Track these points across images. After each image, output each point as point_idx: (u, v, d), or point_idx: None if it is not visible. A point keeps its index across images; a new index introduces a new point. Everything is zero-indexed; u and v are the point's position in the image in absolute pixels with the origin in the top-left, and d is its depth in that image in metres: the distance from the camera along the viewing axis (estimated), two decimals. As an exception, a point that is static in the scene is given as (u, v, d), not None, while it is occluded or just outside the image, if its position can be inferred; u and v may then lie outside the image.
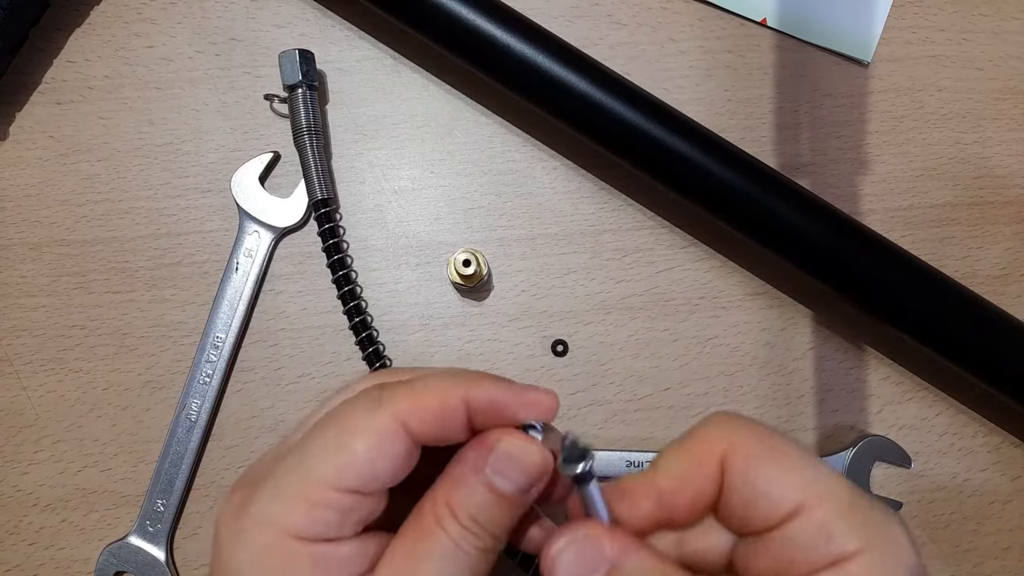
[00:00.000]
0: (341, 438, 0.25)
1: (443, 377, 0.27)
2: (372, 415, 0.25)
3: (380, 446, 0.25)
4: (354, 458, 0.25)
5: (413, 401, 0.26)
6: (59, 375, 0.43)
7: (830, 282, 0.40)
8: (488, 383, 0.27)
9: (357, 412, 0.26)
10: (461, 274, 0.41)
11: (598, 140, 0.41)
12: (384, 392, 0.26)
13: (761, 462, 0.24)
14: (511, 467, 0.26)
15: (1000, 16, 0.46)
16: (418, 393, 0.26)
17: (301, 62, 0.42)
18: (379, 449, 0.25)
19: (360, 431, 0.25)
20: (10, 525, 0.43)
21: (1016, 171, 0.45)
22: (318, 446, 0.26)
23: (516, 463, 0.26)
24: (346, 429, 0.25)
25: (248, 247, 0.44)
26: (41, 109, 0.45)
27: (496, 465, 0.26)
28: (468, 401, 0.26)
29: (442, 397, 0.26)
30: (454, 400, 0.26)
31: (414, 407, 0.26)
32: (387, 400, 0.26)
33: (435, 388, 0.26)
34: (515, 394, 0.27)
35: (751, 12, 0.46)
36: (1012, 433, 0.44)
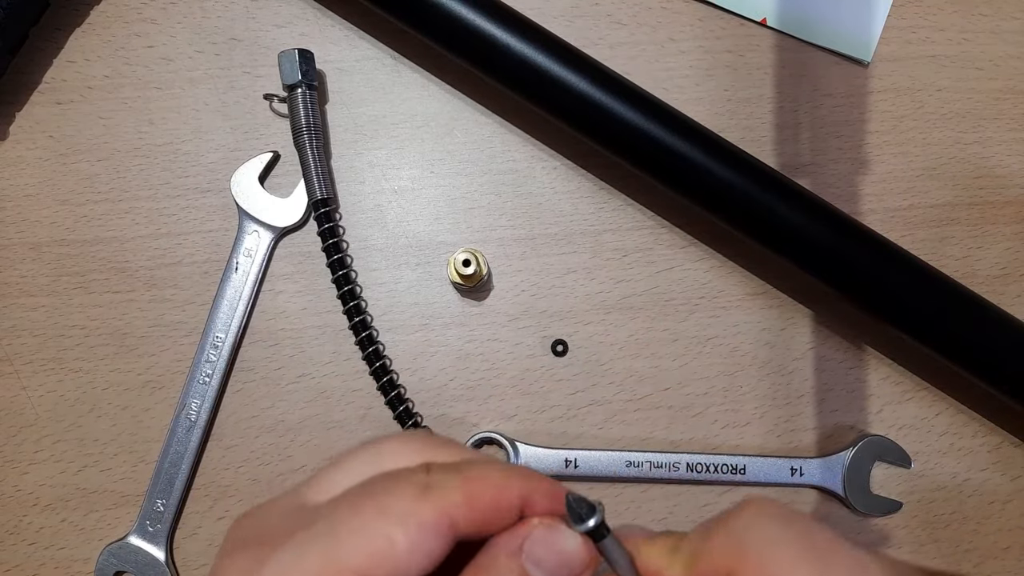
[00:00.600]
0: (379, 525, 0.22)
1: (498, 467, 0.24)
2: (419, 505, 0.23)
3: (422, 542, 0.22)
4: (391, 550, 0.22)
5: (466, 494, 0.23)
6: (59, 375, 0.43)
7: (830, 282, 0.40)
8: (546, 480, 0.24)
9: (402, 497, 0.23)
10: (461, 274, 0.41)
11: (598, 140, 0.41)
12: (433, 477, 0.24)
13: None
14: (550, 556, 0.23)
15: (1000, 16, 0.46)
16: (472, 484, 0.23)
17: (300, 62, 0.42)
18: (420, 545, 0.22)
19: (403, 521, 0.22)
20: (10, 525, 0.43)
21: (1016, 171, 0.45)
22: (351, 526, 0.23)
23: (555, 551, 0.23)
24: (387, 514, 0.23)
25: (248, 247, 0.44)
26: (41, 109, 0.45)
27: (533, 553, 0.23)
28: (526, 499, 0.24)
29: (498, 492, 0.23)
30: (511, 497, 0.24)
31: (466, 501, 0.23)
32: (437, 488, 0.23)
33: (491, 480, 0.24)
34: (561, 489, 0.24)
35: (751, 12, 0.46)
36: (1012, 433, 0.44)
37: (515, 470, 0.24)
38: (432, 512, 0.23)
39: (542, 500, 0.24)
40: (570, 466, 0.42)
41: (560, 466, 0.42)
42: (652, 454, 0.42)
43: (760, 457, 0.43)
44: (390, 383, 0.42)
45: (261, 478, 0.43)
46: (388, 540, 0.22)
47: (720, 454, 0.43)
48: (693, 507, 0.43)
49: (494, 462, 0.25)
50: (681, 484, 0.43)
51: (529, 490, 0.24)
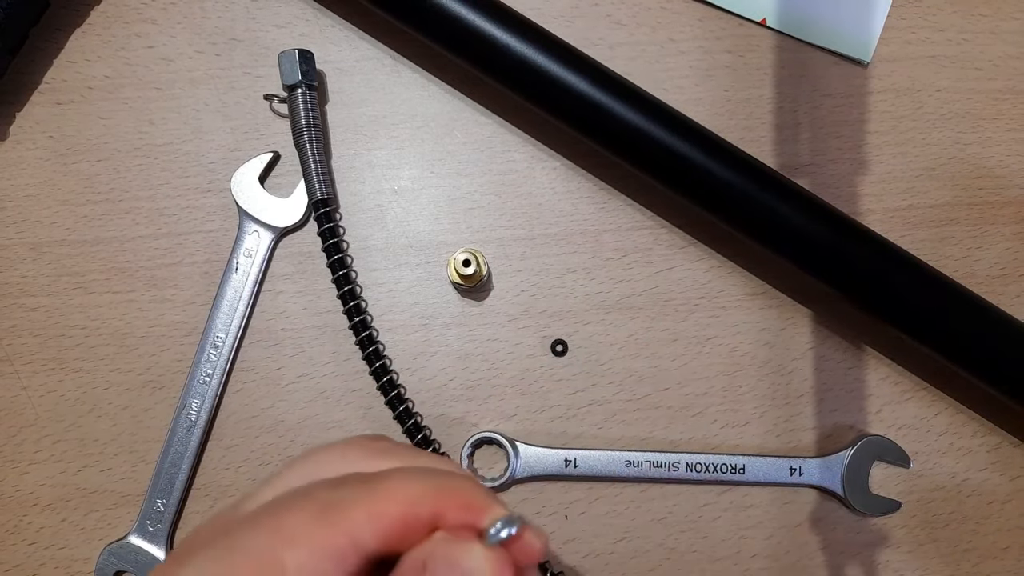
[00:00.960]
0: (272, 541, 0.21)
1: (413, 481, 0.23)
2: (314, 526, 0.21)
3: (314, 565, 0.21)
4: (278, 571, 0.21)
5: (369, 513, 0.22)
6: (59, 375, 0.43)
7: (829, 282, 0.40)
8: (468, 485, 0.23)
9: (300, 512, 0.22)
10: (461, 274, 0.41)
11: (598, 140, 0.41)
12: (336, 494, 0.22)
13: None
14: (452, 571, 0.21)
15: (1000, 16, 0.46)
16: (377, 503, 0.22)
17: (300, 62, 0.42)
18: (312, 567, 0.21)
19: (294, 543, 0.21)
20: (10, 525, 0.43)
21: (1015, 171, 0.45)
22: (244, 543, 0.22)
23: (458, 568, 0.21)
24: (281, 531, 0.21)
25: (248, 247, 0.44)
26: (41, 109, 0.45)
27: (436, 571, 0.22)
28: (438, 514, 0.22)
29: (406, 509, 0.22)
30: (420, 513, 0.22)
31: (369, 520, 0.22)
32: (337, 508, 0.22)
33: (400, 497, 0.22)
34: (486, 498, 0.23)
35: (751, 12, 0.46)
36: (1011, 433, 0.44)
37: (434, 483, 0.23)
38: (328, 534, 0.21)
39: (456, 514, 0.23)
40: (570, 466, 0.42)
41: (560, 466, 0.42)
42: (652, 454, 0.42)
43: (759, 457, 0.43)
44: (390, 383, 0.42)
45: (261, 478, 0.43)
46: (276, 564, 0.21)
47: (719, 454, 0.43)
48: (693, 507, 0.43)
49: (417, 472, 0.23)
50: (680, 484, 0.43)
51: (442, 505, 0.22)
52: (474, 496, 0.23)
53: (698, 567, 0.42)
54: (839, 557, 0.43)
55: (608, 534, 0.43)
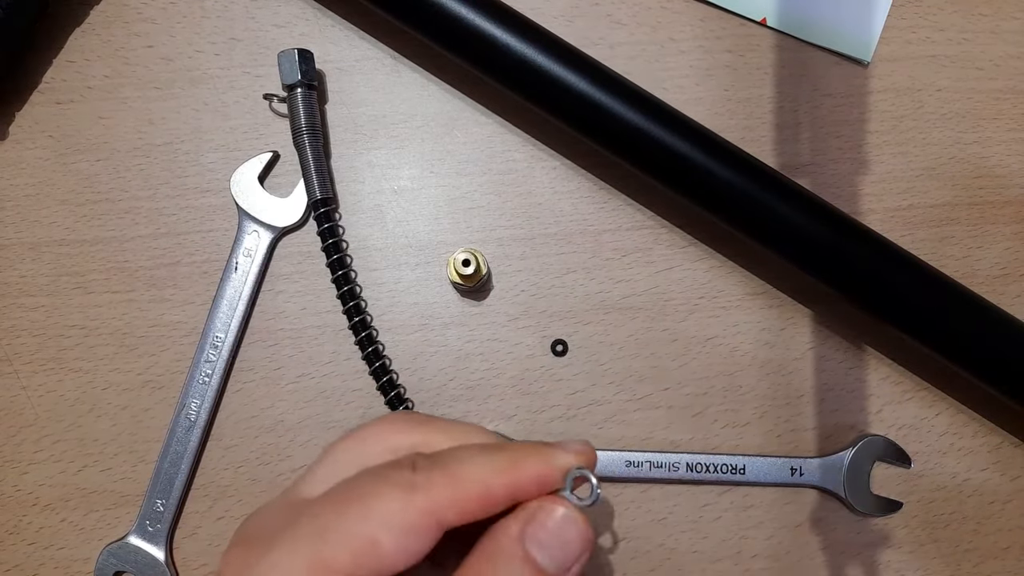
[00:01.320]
0: (365, 526, 0.23)
1: (483, 458, 0.24)
2: (405, 507, 0.23)
3: (407, 543, 0.23)
4: (376, 551, 0.23)
5: (453, 493, 0.24)
6: (59, 375, 0.43)
7: (830, 282, 0.40)
8: (534, 461, 0.25)
9: (387, 498, 0.23)
10: (461, 274, 0.41)
11: (598, 140, 0.41)
12: (419, 475, 0.24)
13: None
14: (554, 540, 0.24)
15: (1000, 16, 0.46)
16: (459, 483, 0.24)
17: (300, 62, 0.42)
18: (405, 545, 0.23)
19: (388, 524, 0.23)
20: (10, 525, 0.43)
21: (1016, 171, 0.45)
22: (337, 526, 0.23)
23: (560, 535, 0.24)
24: (372, 516, 0.23)
25: (247, 247, 0.44)
26: (41, 109, 0.45)
27: (537, 536, 0.24)
28: (514, 488, 0.24)
29: (485, 487, 0.24)
30: (498, 490, 0.24)
31: (452, 499, 0.24)
32: (423, 488, 0.23)
33: (478, 477, 0.24)
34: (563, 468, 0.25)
35: (751, 12, 0.45)
36: (1012, 433, 0.44)
37: (502, 459, 0.25)
38: (417, 514, 0.23)
39: (531, 490, 0.25)
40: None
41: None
42: (652, 454, 0.42)
43: (760, 457, 0.43)
44: (390, 383, 0.42)
45: (261, 478, 0.43)
46: (373, 542, 0.23)
47: (720, 454, 0.43)
48: (693, 507, 0.43)
49: (481, 450, 0.25)
50: (681, 484, 0.43)
51: (517, 484, 0.24)
52: (544, 469, 0.25)
53: (699, 567, 0.42)
54: (840, 557, 0.43)
55: (608, 534, 0.43)
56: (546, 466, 0.25)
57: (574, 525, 0.25)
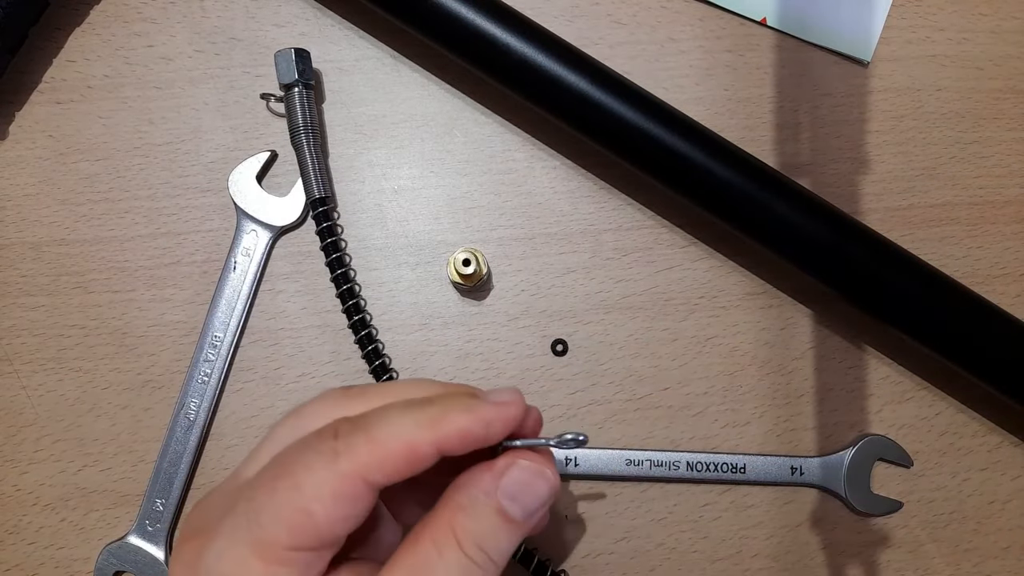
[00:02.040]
0: (294, 498, 0.23)
1: (405, 416, 0.25)
2: (330, 474, 0.23)
3: (339, 507, 0.23)
4: (312, 521, 0.23)
5: (375, 453, 0.24)
6: (59, 374, 0.43)
7: (830, 281, 0.40)
8: (458, 415, 0.25)
9: (312, 467, 0.24)
10: (461, 273, 0.41)
11: (598, 139, 0.41)
12: (341, 442, 0.24)
13: None
14: (526, 492, 0.25)
15: (1000, 16, 0.46)
16: (380, 444, 0.24)
17: (297, 61, 0.42)
18: (338, 510, 0.23)
19: (316, 493, 0.23)
20: (10, 524, 0.43)
21: (1016, 170, 0.45)
22: (269, 503, 0.24)
23: (531, 488, 0.25)
24: (300, 487, 0.23)
25: (246, 246, 0.44)
26: (41, 108, 0.45)
27: (509, 490, 0.25)
28: (439, 444, 0.24)
29: (408, 445, 0.24)
30: (423, 447, 0.24)
31: (377, 460, 0.24)
32: (345, 453, 0.24)
33: (399, 435, 0.24)
34: (487, 420, 0.25)
35: (751, 12, 0.45)
36: (1012, 433, 0.43)
37: (424, 415, 0.25)
38: (344, 480, 0.23)
39: (456, 445, 0.25)
40: (570, 464, 0.42)
41: (560, 464, 0.42)
42: (652, 453, 0.42)
43: (760, 456, 0.42)
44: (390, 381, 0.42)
45: (260, 477, 0.43)
46: (306, 514, 0.23)
47: (720, 453, 0.43)
48: (693, 506, 0.43)
49: (405, 407, 0.25)
50: (681, 483, 0.43)
51: (441, 440, 0.24)
52: (467, 423, 0.25)
53: (699, 567, 0.42)
54: (840, 557, 0.43)
55: (608, 534, 0.43)
56: (470, 421, 0.25)
57: (542, 478, 0.26)
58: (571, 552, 0.42)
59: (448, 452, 0.25)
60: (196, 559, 0.24)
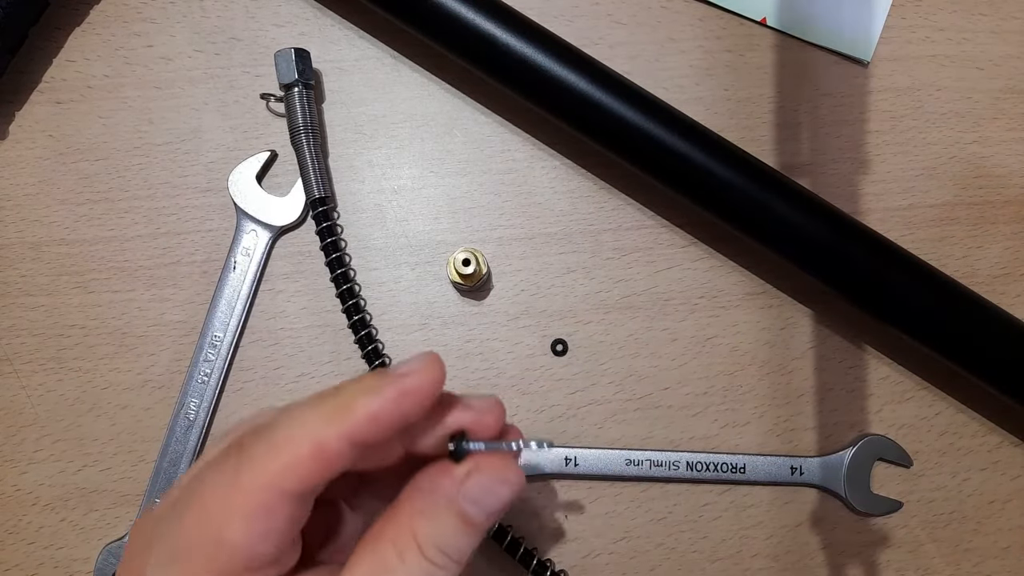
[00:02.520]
0: (206, 530, 0.22)
1: (308, 413, 0.23)
2: (234, 490, 0.22)
3: (253, 526, 0.22)
4: (224, 549, 0.21)
5: (281, 459, 0.22)
6: (58, 374, 0.43)
7: (829, 281, 0.40)
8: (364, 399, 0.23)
9: (217, 490, 0.22)
10: (461, 273, 0.41)
11: (597, 139, 0.41)
12: (243, 455, 0.22)
13: None
14: (488, 496, 0.24)
15: (1000, 16, 0.46)
16: (283, 449, 0.22)
17: (296, 61, 0.42)
18: (253, 529, 0.22)
19: (224, 517, 0.22)
20: (9, 524, 0.43)
21: (1016, 171, 0.45)
22: (180, 538, 0.22)
23: (493, 492, 0.24)
24: (211, 515, 0.22)
25: (246, 246, 0.44)
26: (41, 108, 0.45)
27: (471, 495, 0.24)
28: (350, 436, 0.23)
29: (315, 443, 0.22)
30: (332, 443, 0.22)
31: (282, 467, 0.22)
32: (247, 467, 0.22)
33: (304, 435, 0.22)
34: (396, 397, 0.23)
35: (751, 12, 0.45)
36: (1011, 432, 0.43)
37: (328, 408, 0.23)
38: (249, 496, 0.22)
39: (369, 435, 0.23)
40: (570, 464, 0.42)
41: (560, 464, 0.42)
42: (652, 453, 0.42)
43: (760, 456, 0.42)
44: (389, 382, 0.42)
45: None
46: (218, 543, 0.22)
47: (720, 453, 0.43)
48: (693, 506, 0.43)
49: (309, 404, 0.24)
50: (681, 483, 0.43)
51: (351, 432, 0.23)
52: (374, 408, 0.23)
53: (698, 567, 0.42)
54: (840, 557, 0.43)
55: (608, 534, 0.43)
56: (378, 403, 0.23)
57: (505, 484, 0.25)
58: (571, 552, 0.42)
59: (364, 441, 0.23)
60: None
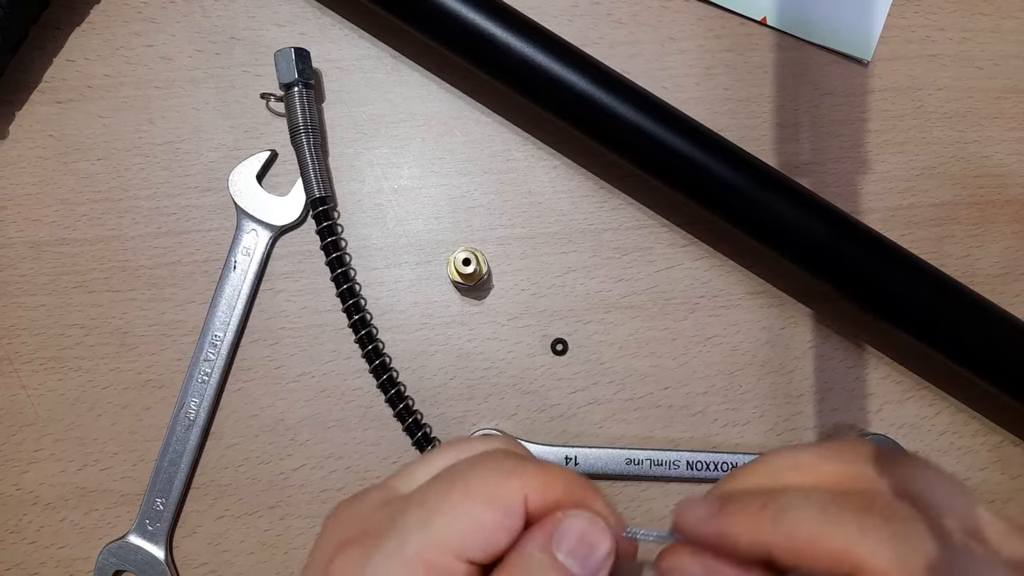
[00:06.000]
0: (468, 505, 0.24)
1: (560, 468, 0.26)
2: (501, 486, 0.24)
3: (505, 521, 0.24)
4: (481, 528, 0.24)
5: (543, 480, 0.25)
6: (59, 374, 0.43)
7: (830, 281, 0.40)
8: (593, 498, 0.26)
9: (486, 479, 0.25)
10: (461, 273, 0.41)
11: (598, 139, 0.41)
12: (512, 462, 0.25)
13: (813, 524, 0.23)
14: (582, 544, 0.25)
15: (1000, 15, 0.46)
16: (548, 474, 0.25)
17: (296, 60, 0.42)
18: (504, 523, 0.24)
19: (488, 501, 0.24)
20: (10, 524, 0.43)
21: (1016, 170, 0.45)
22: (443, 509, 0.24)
23: (587, 539, 0.25)
24: (473, 496, 0.24)
25: (246, 245, 0.44)
26: (41, 108, 0.45)
27: (564, 542, 0.25)
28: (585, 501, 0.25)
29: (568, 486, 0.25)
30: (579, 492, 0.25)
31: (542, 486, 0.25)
32: (518, 473, 0.25)
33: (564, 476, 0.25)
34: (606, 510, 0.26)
35: (751, 11, 0.45)
36: (1012, 432, 0.43)
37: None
38: (512, 494, 0.24)
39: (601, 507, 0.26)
40: (570, 463, 0.42)
41: (560, 464, 0.42)
42: (652, 452, 0.42)
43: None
44: (389, 380, 0.42)
45: (261, 477, 0.43)
46: (476, 520, 0.24)
47: (720, 452, 0.43)
48: (693, 506, 0.43)
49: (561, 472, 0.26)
50: (681, 483, 0.43)
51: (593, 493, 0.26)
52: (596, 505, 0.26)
53: (698, 566, 0.42)
54: (839, 556, 0.42)
55: (608, 533, 0.43)
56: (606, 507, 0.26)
57: (598, 527, 0.25)
58: (571, 551, 0.42)
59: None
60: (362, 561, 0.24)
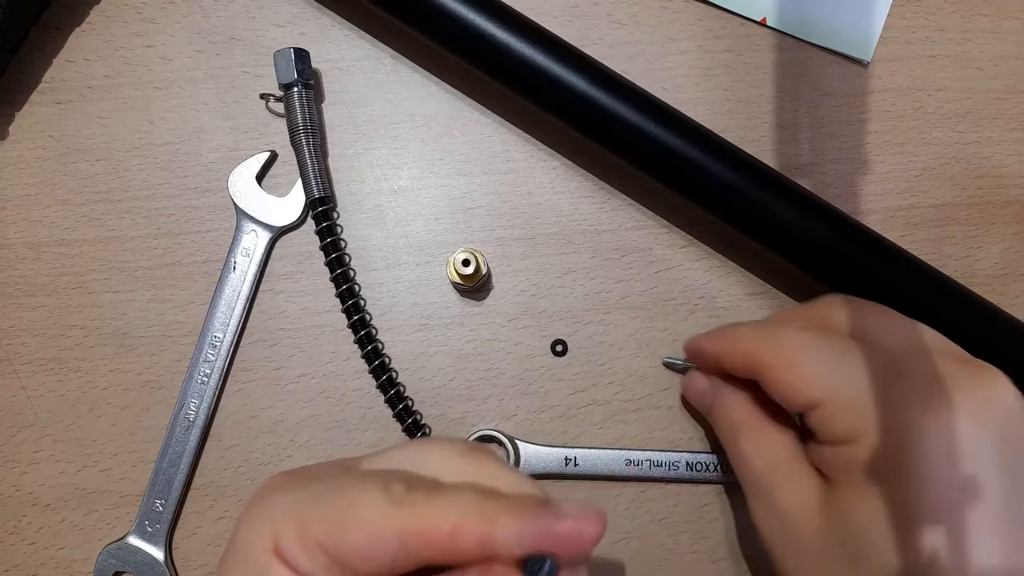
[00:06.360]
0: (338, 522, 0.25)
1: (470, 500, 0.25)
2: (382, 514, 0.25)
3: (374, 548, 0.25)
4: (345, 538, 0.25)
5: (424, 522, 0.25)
6: (59, 375, 0.43)
7: (829, 282, 0.40)
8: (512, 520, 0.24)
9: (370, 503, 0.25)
10: (460, 274, 0.41)
11: (597, 139, 0.41)
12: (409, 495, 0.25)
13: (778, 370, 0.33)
14: None
15: (1000, 16, 0.46)
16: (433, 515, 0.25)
17: (296, 61, 0.42)
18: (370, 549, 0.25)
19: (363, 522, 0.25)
20: (9, 525, 0.43)
21: (1016, 171, 0.45)
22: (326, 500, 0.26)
23: None
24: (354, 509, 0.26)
25: (245, 246, 0.44)
26: (40, 109, 0.45)
27: None
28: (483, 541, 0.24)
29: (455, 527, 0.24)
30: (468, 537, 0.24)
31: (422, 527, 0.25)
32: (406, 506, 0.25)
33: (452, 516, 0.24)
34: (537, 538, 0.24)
35: (751, 12, 0.45)
36: (1012, 433, 0.43)
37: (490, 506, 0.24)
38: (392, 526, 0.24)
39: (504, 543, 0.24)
40: (569, 464, 0.42)
41: (560, 464, 0.42)
42: (652, 453, 0.42)
43: (760, 457, 0.42)
44: (389, 381, 0.42)
45: (260, 478, 0.43)
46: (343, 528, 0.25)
47: (721, 452, 0.43)
48: (693, 506, 0.43)
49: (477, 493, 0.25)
50: (681, 483, 0.43)
51: (487, 537, 0.24)
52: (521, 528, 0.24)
53: (699, 567, 0.42)
54: (840, 557, 0.42)
55: (608, 534, 0.42)
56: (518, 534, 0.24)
57: None
58: (571, 552, 0.42)
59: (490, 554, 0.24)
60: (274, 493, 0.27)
